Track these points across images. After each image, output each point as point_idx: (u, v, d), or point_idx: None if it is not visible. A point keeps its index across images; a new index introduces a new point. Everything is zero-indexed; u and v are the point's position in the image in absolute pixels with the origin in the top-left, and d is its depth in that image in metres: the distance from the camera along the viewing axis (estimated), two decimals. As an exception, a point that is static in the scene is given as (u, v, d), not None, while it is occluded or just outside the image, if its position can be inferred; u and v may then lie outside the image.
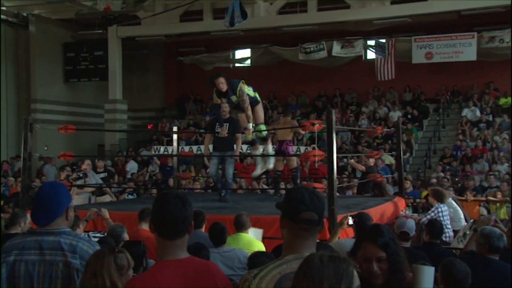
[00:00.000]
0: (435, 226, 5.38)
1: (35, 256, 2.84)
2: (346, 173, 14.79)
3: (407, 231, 4.74)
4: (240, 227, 5.60)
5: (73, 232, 3.00)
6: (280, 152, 9.13)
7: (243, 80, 7.80)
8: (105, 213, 6.41)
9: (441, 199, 8.14)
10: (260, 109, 7.98)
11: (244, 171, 14.95)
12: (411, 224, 4.83)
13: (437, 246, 5.24)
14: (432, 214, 7.97)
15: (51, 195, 2.91)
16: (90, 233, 5.56)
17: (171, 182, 12.78)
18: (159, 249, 2.42)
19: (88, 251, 2.85)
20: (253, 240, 5.62)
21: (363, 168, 11.01)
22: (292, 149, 9.51)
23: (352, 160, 11.61)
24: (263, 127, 8.04)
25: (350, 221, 5.45)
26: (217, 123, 8.28)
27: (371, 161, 11.24)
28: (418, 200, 11.30)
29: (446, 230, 7.39)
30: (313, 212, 2.21)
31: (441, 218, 7.64)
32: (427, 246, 5.25)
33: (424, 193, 11.81)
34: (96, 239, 5.29)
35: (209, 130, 8.67)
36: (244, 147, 16.69)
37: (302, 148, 16.61)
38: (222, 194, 8.61)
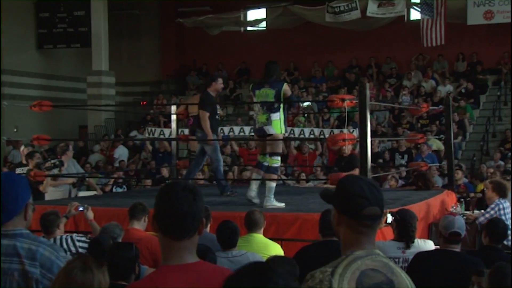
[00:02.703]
0: (497, 227, 5.33)
1: None
2: (380, 160, 14.75)
3: (458, 231, 4.71)
4: (253, 226, 5.63)
5: (32, 234, 3.00)
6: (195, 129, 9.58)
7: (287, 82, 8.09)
8: (90, 213, 6.41)
9: (503, 193, 8.08)
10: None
11: (252, 159, 14.96)
12: (460, 222, 4.79)
13: (498, 251, 5.20)
14: (492, 212, 7.92)
15: (7, 188, 2.90)
16: (75, 236, 5.53)
17: (164, 171, 12.85)
18: (162, 251, 2.43)
19: (51, 258, 2.85)
20: (268, 242, 5.64)
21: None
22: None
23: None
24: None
25: (389, 219, 5.43)
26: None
27: (349, 148, 9.57)
28: (472, 195, 11.25)
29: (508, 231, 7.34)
30: (376, 207, 2.36)
31: (503, 217, 7.59)
32: (485, 251, 5.22)
33: (480, 186, 11.76)
34: (81, 243, 5.31)
35: (210, 110, 8.82)
36: (246, 129, 16.80)
37: (327, 131, 16.58)
38: (228, 189, 9.04)
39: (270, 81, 7.64)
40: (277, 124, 7.51)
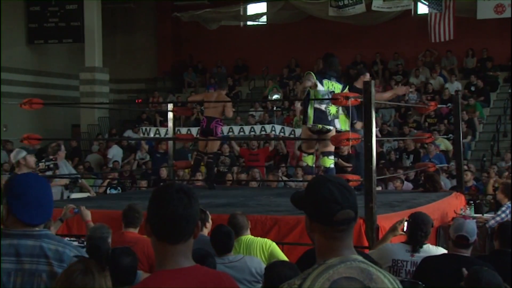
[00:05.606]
0: (509, 230, 5.35)
1: (11, 264, 2.89)
2: (382, 161, 14.74)
3: (465, 235, 4.74)
4: (239, 230, 5.70)
5: (55, 235, 3.10)
6: (207, 131, 9.87)
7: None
8: (86, 213, 6.39)
9: (513, 195, 8.09)
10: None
11: (253, 159, 14.98)
12: (471, 226, 4.82)
13: (509, 256, 5.22)
14: (503, 215, 7.94)
15: (43, 190, 3.03)
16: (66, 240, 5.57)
17: (163, 172, 12.87)
18: (157, 256, 2.44)
19: None
20: (253, 238, 5.73)
21: None
22: (222, 130, 10.18)
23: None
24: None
25: (406, 227, 5.40)
26: None
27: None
28: (481, 197, 11.26)
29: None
30: (349, 210, 2.30)
31: (513, 220, 7.60)
32: (495, 256, 5.23)
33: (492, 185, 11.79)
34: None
35: None
36: (246, 128, 16.73)
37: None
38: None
39: (336, 76, 8.28)
40: (342, 119, 8.22)
